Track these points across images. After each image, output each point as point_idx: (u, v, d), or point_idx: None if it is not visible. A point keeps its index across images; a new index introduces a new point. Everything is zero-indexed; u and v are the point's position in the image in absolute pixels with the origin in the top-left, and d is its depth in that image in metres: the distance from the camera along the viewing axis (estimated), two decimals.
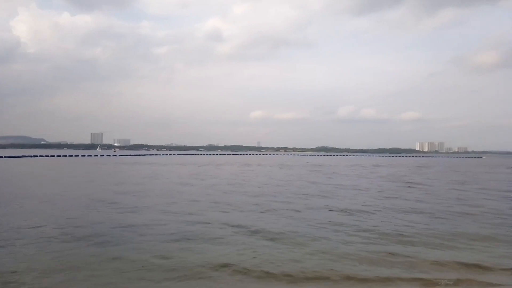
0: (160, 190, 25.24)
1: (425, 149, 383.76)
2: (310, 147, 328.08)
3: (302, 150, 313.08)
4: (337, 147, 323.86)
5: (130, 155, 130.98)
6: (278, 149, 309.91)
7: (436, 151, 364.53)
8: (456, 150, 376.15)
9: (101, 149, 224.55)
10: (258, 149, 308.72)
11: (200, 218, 14.87)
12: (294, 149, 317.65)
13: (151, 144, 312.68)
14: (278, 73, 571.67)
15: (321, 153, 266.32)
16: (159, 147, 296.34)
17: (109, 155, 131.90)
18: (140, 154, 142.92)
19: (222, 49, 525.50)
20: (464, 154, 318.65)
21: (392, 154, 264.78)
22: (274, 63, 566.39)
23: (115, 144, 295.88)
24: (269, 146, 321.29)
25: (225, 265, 8.88)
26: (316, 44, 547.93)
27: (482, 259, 9.84)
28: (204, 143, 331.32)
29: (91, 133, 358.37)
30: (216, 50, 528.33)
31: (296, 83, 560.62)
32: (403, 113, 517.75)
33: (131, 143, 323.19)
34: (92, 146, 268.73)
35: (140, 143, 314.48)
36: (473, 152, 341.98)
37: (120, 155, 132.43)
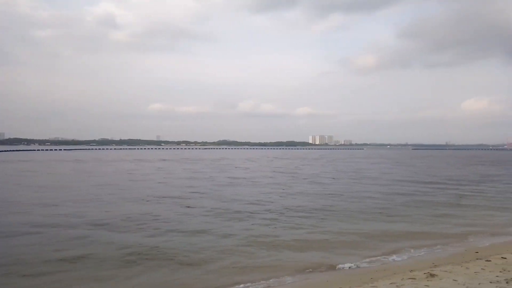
0: None
1: (317, 142, 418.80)
2: (212, 141, 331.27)
3: (204, 143, 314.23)
4: (238, 140, 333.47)
5: None
6: (179, 143, 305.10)
7: (326, 144, 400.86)
8: (343, 143, 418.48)
9: None
10: (158, 143, 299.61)
11: None
12: (195, 142, 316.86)
13: (32, 138, 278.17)
14: (179, 65, 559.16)
15: (223, 146, 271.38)
16: (42, 142, 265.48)
17: None
18: (12, 150, 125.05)
19: (118, 36, 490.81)
20: (349, 146, 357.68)
21: (288, 147, 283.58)
22: (175, 55, 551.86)
23: None
24: (170, 140, 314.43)
25: None
26: (219, 38, 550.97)
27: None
28: (97, 137, 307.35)
29: None
30: (110, 38, 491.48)
31: (198, 76, 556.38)
32: (298, 109, 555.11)
33: (6, 137, 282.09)
34: None
35: (17, 137, 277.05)
36: (356, 144, 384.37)
37: None
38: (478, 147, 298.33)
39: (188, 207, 17.86)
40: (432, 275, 7.44)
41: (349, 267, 9.33)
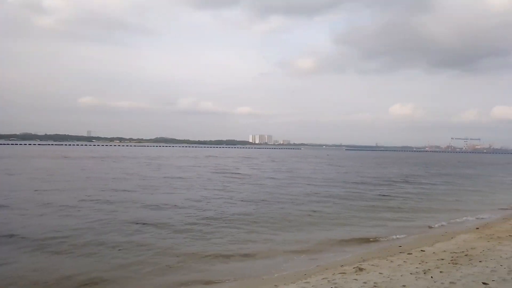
0: None
1: (257, 141, 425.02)
2: (148, 138, 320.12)
3: (139, 140, 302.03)
4: (177, 138, 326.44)
5: None
6: (112, 139, 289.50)
7: (266, 143, 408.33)
8: (281, 142, 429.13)
9: None
10: (89, 139, 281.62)
11: None
12: (131, 139, 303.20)
13: None
14: (115, 58, 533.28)
15: (160, 144, 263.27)
16: None
17: None
18: None
19: (44, 22, 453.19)
20: (288, 146, 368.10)
21: (229, 146, 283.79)
22: (111, 47, 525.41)
23: None
24: (102, 136, 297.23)
25: None
26: (159, 32, 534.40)
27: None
28: (19, 131, 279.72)
29: None
30: (36, 23, 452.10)
31: (135, 70, 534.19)
32: (239, 108, 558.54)
33: None
34: None
35: None
36: (294, 144, 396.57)
37: None
38: (403, 149, 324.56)
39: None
40: (361, 269, 7.86)
41: (286, 260, 9.54)
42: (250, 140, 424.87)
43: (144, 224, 13.36)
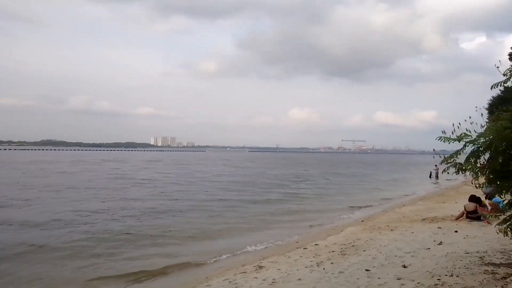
0: None
1: (160, 144, 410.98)
2: (32, 140, 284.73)
3: (21, 143, 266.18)
4: (68, 141, 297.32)
5: None
6: None
7: (169, 145, 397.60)
8: (185, 145, 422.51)
9: None
10: None
11: None
12: (10, 142, 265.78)
13: None
14: None
15: (47, 147, 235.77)
16: None
17: None
18: None
19: None
20: (192, 148, 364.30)
21: (128, 148, 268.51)
22: None
23: None
24: None
25: None
26: (47, 24, 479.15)
27: None
28: None
29: None
30: None
31: (17, 64, 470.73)
32: (139, 108, 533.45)
33: None
34: None
35: None
36: (199, 146, 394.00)
37: None
38: (301, 150, 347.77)
39: None
40: (261, 267, 8.09)
41: (185, 268, 9.31)
42: (152, 143, 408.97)
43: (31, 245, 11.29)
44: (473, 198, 11.60)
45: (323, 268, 7.38)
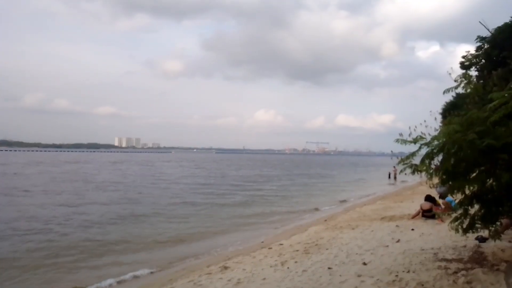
0: None
1: (124, 145, 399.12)
2: None
3: None
4: (25, 141, 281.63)
5: None
6: None
7: (134, 147, 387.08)
8: (151, 146, 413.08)
9: None
10: None
11: None
12: None
13: None
14: None
15: (0, 147, 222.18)
16: None
17: None
18: None
19: None
20: (157, 149, 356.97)
21: (90, 150, 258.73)
22: None
23: None
24: None
25: None
26: None
27: None
28: None
29: None
30: None
31: None
32: (101, 107, 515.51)
33: None
34: None
35: None
36: (164, 147, 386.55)
37: None
38: (267, 152, 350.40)
39: None
40: (226, 268, 8.10)
41: (149, 272, 9.12)
42: (116, 144, 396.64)
43: None
44: (428, 198, 12.20)
45: (287, 267, 7.50)
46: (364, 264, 6.93)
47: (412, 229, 10.24)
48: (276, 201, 22.91)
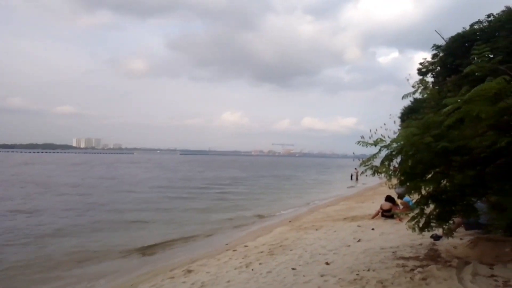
0: None
1: (83, 145, 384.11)
2: None
3: None
4: None
5: None
6: None
7: (94, 147, 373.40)
8: (112, 147, 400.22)
9: None
10: None
11: None
12: None
13: None
14: None
15: None
16: None
17: None
18: None
19: None
20: (119, 150, 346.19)
21: (46, 150, 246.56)
22: None
23: None
24: None
25: None
26: None
27: None
28: None
29: None
30: None
31: None
32: (59, 106, 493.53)
33: None
34: None
35: None
36: (126, 148, 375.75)
37: None
38: (233, 153, 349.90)
39: None
40: (189, 271, 7.97)
41: (111, 279, 8.79)
42: (74, 144, 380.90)
43: None
44: (388, 198, 12.68)
45: (252, 269, 7.50)
46: (327, 264, 7.06)
47: (373, 229, 10.58)
48: (241, 202, 22.90)
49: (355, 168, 33.99)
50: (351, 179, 42.36)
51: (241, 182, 38.83)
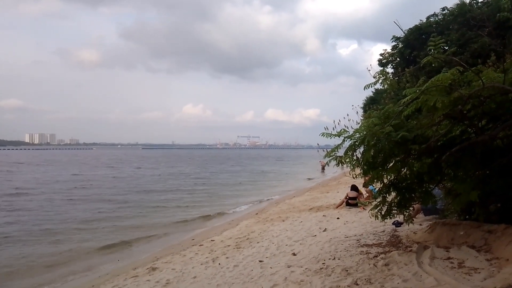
0: None
1: (36, 141, 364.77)
2: None
3: None
4: None
5: None
6: None
7: (48, 143, 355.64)
8: (68, 142, 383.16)
9: None
10: None
11: None
12: None
13: None
14: None
15: None
16: None
17: None
18: None
19: None
20: (76, 145, 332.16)
21: None
22: None
23: None
24: None
25: None
26: None
27: None
28: None
29: None
30: None
31: None
32: (4, 101, 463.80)
33: None
34: None
35: None
36: (84, 144, 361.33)
37: None
38: (198, 146, 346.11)
39: None
40: (154, 269, 7.75)
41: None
42: (27, 140, 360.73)
43: None
44: (354, 187, 13.01)
45: (219, 264, 7.42)
46: (294, 254, 7.11)
47: (338, 218, 10.81)
48: (206, 196, 22.69)
49: (320, 161, 34.62)
50: (322, 170, 42.34)
51: (204, 176, 38.49)
